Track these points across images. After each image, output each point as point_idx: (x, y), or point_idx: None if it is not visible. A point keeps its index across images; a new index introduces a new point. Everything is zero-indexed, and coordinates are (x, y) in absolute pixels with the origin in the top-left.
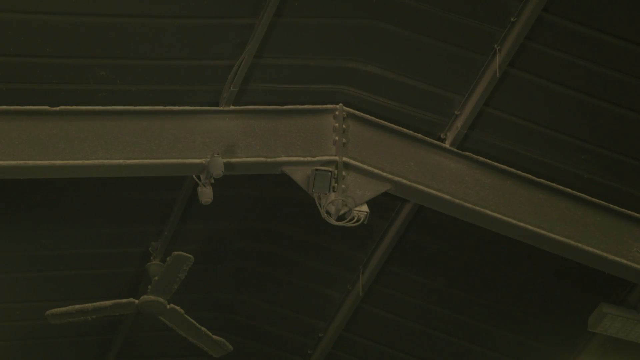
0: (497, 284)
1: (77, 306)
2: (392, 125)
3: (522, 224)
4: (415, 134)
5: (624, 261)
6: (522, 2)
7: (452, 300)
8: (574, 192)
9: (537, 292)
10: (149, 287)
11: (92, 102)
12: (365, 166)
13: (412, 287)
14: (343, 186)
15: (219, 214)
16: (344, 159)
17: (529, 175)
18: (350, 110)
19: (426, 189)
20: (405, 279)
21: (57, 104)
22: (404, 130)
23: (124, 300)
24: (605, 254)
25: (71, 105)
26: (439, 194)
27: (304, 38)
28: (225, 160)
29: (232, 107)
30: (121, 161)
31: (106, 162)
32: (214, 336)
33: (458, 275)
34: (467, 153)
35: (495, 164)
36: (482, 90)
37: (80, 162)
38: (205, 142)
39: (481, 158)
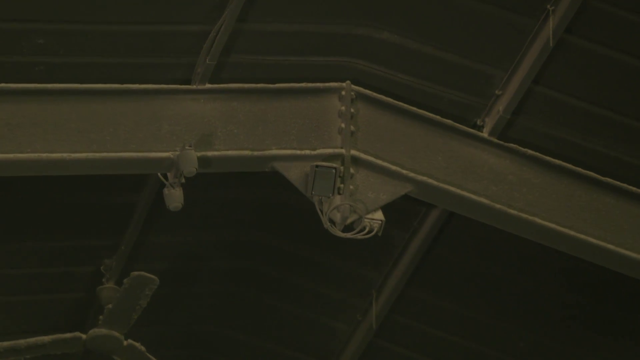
0: (550, 313)
1: (6, 343)
2: (414, 108)
3: (582, 237)
4: (444, 120)
5: None
6: None
7: (491, 333)
8: None
9: (605, 326)
10: (101, 317)
11: (27, 78)
12: (379, 161)
13: (440, 317)
14: (351, 187)
15: (191, 224)
16: (352, 152)
17: (592, 174)
18: (361, 89)
19: (458, 191)
20: (431, 307)
21: None
22: (430, 115)
23: (68, 335)
24: None
25: None
26: (474, 197)
27: None
28: (199, 154)
29: (208, 86)
30: (65, 155)
31: (45, 156)
32: None
33: (499, 302)
34: (511, 145)
35: (548, 158)
36: (531, 64)
37: (11, 155)
38: (174, 131)
39: (529, 151)
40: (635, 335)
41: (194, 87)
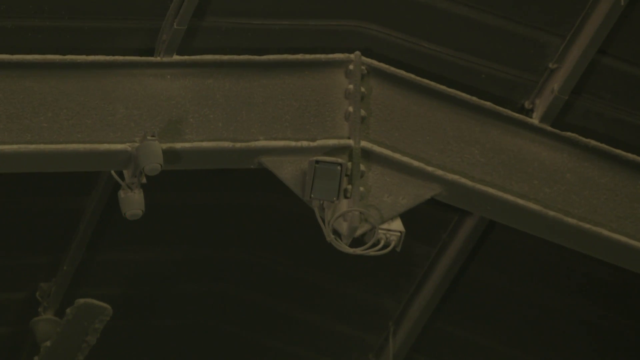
0: (619, 351)
1: None
2: (443, 87)
3: None
4: (482, 102)
5: None
6: None
7: None
8: None
9: None
10: (36, 357)
11: None
12: (397, 156)
13: (474, 356)
14: (361, 189)
15: (153, 237)
16: (363, 143)
17: None
18: (374, 62)
19: (500, 194)
20: (462, 343)
21: None
22: (463, 95)
23: None
24: None
25: None
26: (521, 201)
27: None
28: (165, 145)
29: (176, 58)
30: None
31: None
32: None
33: (551, 336)
34: (569, 134)
35: (617, 151)
36: (596, 28)
37: None
38: (132, 116)
39: (593, 142)
40: None
41: (158, 59)
